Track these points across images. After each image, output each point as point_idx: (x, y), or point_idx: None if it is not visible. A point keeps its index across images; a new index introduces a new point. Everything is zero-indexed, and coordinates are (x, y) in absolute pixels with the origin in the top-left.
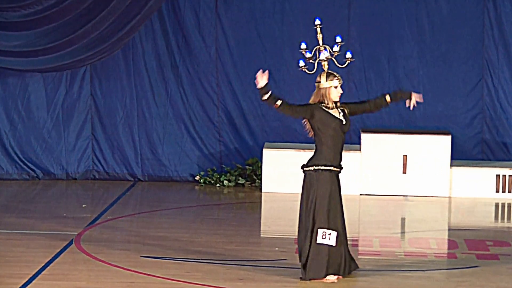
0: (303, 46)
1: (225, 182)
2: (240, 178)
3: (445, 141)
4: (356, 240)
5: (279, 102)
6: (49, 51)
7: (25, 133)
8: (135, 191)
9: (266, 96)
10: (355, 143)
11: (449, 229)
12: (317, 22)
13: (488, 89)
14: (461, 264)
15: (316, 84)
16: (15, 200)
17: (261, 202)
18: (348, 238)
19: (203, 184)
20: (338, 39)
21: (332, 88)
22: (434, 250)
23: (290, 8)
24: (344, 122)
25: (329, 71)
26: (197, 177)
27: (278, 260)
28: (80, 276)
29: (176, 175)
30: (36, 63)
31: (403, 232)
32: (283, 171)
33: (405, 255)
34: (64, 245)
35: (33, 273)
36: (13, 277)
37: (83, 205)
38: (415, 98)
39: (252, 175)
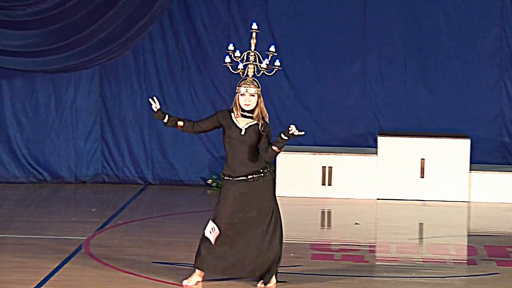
0: (231, 47)
1: None
2: None
3: (464, 144)
4: (373, 245)
5: (180, 123)
6: (57, 51)
7: (33, 135)
8: (146, 195)
9: (165, 121)
10: (372, 146)
11: (468, 235)
12: (254, 26)
13: (507, 91)
14: (481, 270)
15: None
16: (23, 204)
17: None
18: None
19: (215, 188)
20: (272, 49)
21: (238, 95)
22: (453, 256)
23: (304, 7)
24: (243, 132)
25: (247, 77)
26: (209, 181)
27: (292, 266)
28: (90, 282)
29: (187, 179)
30: (43, 64)
31: (421, 238)
32: (296, 175)
33: (423, 261)
34: (73, 250)
35: (41, 279)
36: (21, 283)
37: (93, 209)
38: (294, 129)
39: None
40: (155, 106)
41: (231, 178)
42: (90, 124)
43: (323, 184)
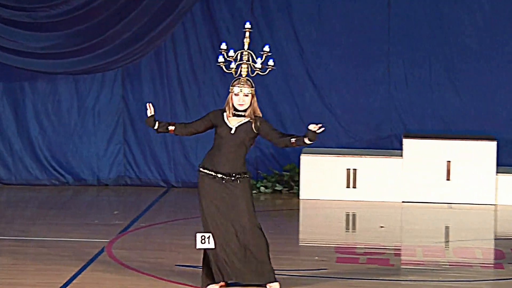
0: (224, 46)
1: (262, 188)
2: (277, 184)
3: (490, 147)
4: (399, 249)
5: (171, 127)
6: (79, 52)
7: (55, 138)
8: (169, 198)
9: (156, 127)
10: (397, 148)
11: (495, 238)
12: (247, 25)
13: None
14: (508, 275)
15: None
16: (45, 207)
17: (299, 209)
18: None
19: None
20: (266, 49)
21: (232, 95)
22: (479, 260)
23: (328, 9)
24: (233, 131)
25: (240, 77)
26: None
27: (317, 269)
28: (112, 285)
29: None
30: (66, 66)
31: (447, 241)
32: (321, 177)
33: (449, 265)
34: (96, 253)
35: (64, 281)
36: (44, 286)
37: (115, 212)
38: (314, 128)
39: (290, 182)
40: (150, 111)
41: (210, 173)
42: (113, 126)
43: (348, 186)
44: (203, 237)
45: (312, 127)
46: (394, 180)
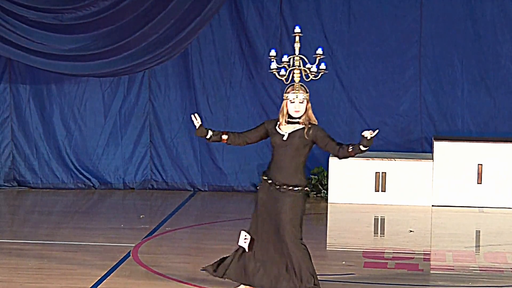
0: (273, 53)
1: None
2: None
3: None
4: (428, 254)
5: (225, 137)
6: (106, 55)
7: (81, 141)
8: (195, 201)
9: (208, 137)
10: (427, 151)
11: None
12: (297, 30)
13: None
14: None
15: None
16: (71, 211)
17: (327, 213)
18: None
19: None
20: (319, 51)
21: (287, 102)
22: (511, 265)
23: (357, 10)
24: (285, 138)
25: (294, 84)
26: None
27: (345, 274)
28: None
29: (237, 185)
30: (92, 68)
31: (478, 246)
32: (350, 180)
33: (480, 270)
34: (121, 257)
35: (90, 286)
36: None
37: (141, 216)
38: (368, 134)
39: (318, 185)
40: (197, 122)
41: (265, 178)
42: (139, 129)
43: (377, 190)
44: (245, 236)
45: (366, 133)
46: (424, 183)
